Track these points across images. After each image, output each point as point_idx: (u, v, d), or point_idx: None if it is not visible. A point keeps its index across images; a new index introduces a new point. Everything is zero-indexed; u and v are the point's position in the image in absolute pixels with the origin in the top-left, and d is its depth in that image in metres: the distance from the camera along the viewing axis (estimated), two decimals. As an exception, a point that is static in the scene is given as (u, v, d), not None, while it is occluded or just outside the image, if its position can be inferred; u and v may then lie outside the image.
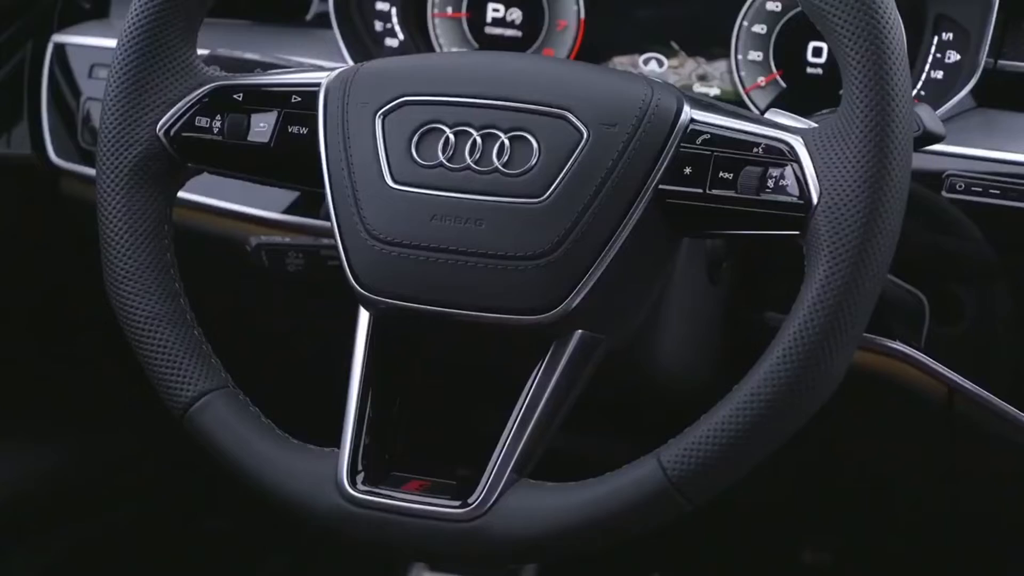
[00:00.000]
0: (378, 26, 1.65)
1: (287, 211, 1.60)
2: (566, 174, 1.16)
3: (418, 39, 1.65)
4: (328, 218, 1.23)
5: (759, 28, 1.54)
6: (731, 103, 1.52)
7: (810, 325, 1.08)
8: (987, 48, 1.41)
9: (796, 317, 1.09)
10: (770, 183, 1.13)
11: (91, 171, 1.59)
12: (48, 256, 1.87)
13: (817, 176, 1.10)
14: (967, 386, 1.38)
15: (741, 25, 1.54)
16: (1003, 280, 1.39)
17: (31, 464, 1.98)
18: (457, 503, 1.17)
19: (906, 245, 1.15)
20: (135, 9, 1.25)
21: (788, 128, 1.15)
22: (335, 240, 1.22)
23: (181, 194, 1.31)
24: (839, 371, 1.10)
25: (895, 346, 1.40)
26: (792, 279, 1.14)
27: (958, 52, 1.44)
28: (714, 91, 1.57)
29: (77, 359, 1.99)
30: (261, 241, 1.47)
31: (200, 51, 1.29)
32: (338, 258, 1.22)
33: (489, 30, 1.64)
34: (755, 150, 1.14)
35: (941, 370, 1.39)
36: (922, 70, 1.45)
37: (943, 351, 1.39)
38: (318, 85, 1.25)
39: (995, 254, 1.38)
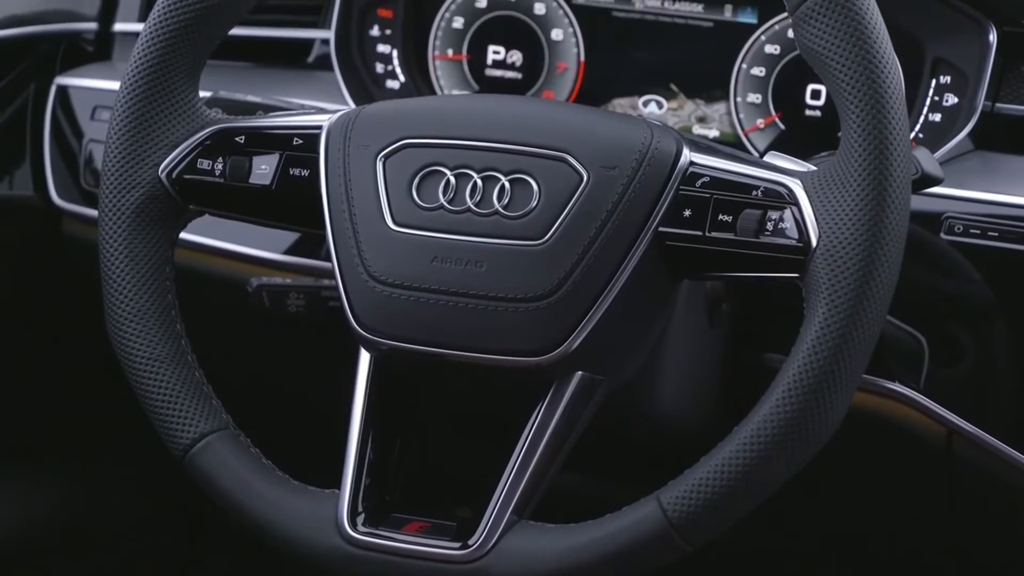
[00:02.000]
0: (379, 68, 1.66)
1: (288, 252, 1.61)
2: (566, 216, 1.17)
3: (419, 81, 1.66)
4: (329, 259, 1.24)
5: (758, 71, 1.55)
6: (730, 145, 1.53)
7: (810, 368, 1.08)
8: (985, 91, 1.42)
9: (795, 360, 1.09)
10: (769, 226, 1.13)
11: (93, 212, 1.59)
12: (49, 296, 1.87)
13: (816, 219, 1.11)
14: (966, 428, 1.38)
15: (740, 68, 1.55)
16: (1002, 322, 1.39)
17: (30, 502, 1.98)
18: (457, 545, 1.17)
19: (905, 286, 1.16)
20: (138, 52, 1.25)
21: (787, 171, 1.15)
22: (336, 281, 1.23)
23: (182, 235, 1.32)
24: (839, 414, 1.10)
25: (894, 387, 1.40)
26: (792, 320, 1.14)
27: (956, 95, 1.45)
28: (713, 133, 1.57)
29: (77, 399, 1.99)
30: (262, 282, 1.47)
31: (202, 93, 1.30)
32: (339, 299, 1.22)
33: (490, 72, 1.65)
34: (754, 193, 1.14)
35: (940, 412, 1.39)
36: (920, 113, 1.46)
37: (942, 392, 1.39)
38: (319, 128, 1.25)
39: (994, 296, 1.38)
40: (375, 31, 1.66)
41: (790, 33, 1.50)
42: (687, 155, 1.17)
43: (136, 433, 1.51)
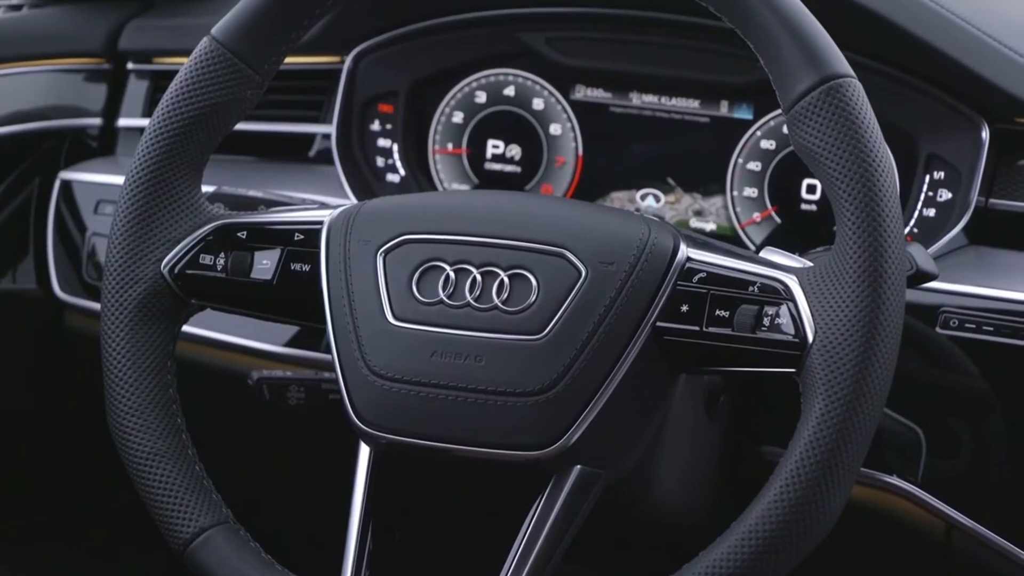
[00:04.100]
0: (379, 162, 1.67)
1: (288, 344, 1.61)
2: (565, 311, 1.17)
3: (419, 174, 1.67)
4: (329, 351, 1.24)
5: (754, 165, 1.56)
6: (727, 239, 1.54)
7: (807, 463, 1.09)
8: (978, 187, 1.43)
9: (793, 454, 1.10)
10: (766, 322, 1.14)
11: (95, 305, 1.60)
12: (50, 389, 1.87)
13: (812, 315, 1.12)
14: (965, 522, 1.38)
15: (736, 162, 1.57)
16: (999, 415, 1.39)
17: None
18: (456, 640, 1.17)
19: (902, 379, 1.16)
20: (142, 149, 1.26)
21: (783, 267, 1.16)
22: (336, 375, 1.23)
23: (183, 327, 1.32)
24: (837, 508, 1.10)
25: (892, 481, 1.40)
26: (789, 413, 1.14)
27: (950, 191, 1.46)
28: (710, 226, 1.59)
29: (78, 492, 1.99)
30: (263, 375, 1.47)
31: (205, 188, 1.31)
32: (339, 392, 1.23)
33: (489, 166, 1.66)
34: (751, 289, 1.15)
35: (938, 505, 1.39)
36: (914, 208, 1.47)
37: (940, 486, 1.39)
38: (320, 223, 1.26)
39: (990, 389, 1.38)
40: (376, 126, 1.68)
41: (785, 129, 1.52)
42: (684, 251, 1.18)
43: (136, 526, 1.50)
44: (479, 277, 1.20)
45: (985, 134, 1.43)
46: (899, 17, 1.43)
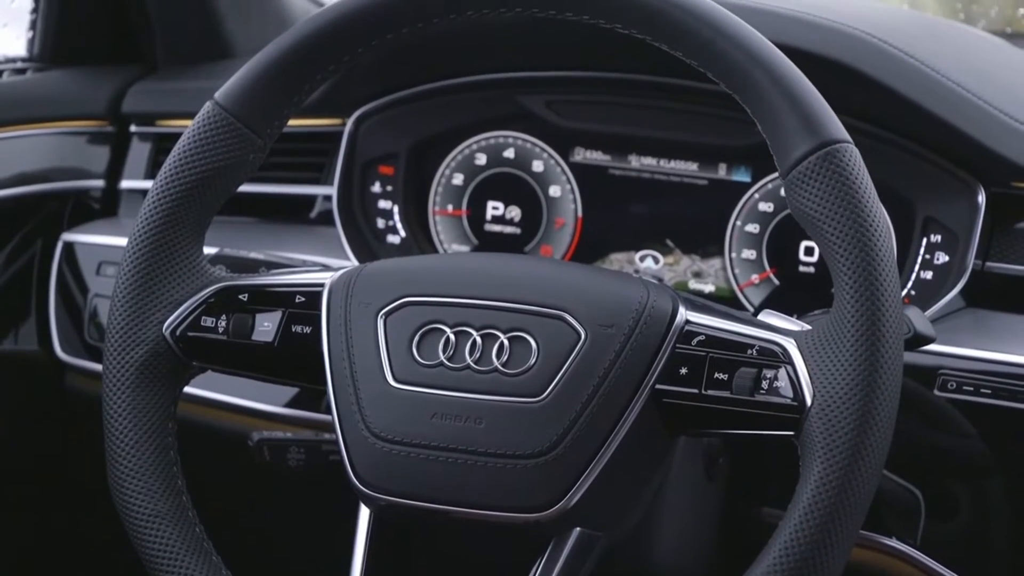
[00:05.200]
0: (380, 223, 1.68)
1: (289, 405, 1.61)
2: (564, 374, 1.17)
3: (419, 235, 1.68)
4: (329, 412, 1.24)
5: (752, 227, 1.57)
6: (726, 300, 1.55)
7: (806, 526, 1.09)
8: (975, 250, 1.44)
9: (792, 518, 1.10)
10: (764, 384, 1.14)
11: (96, 366, 1.60)
12: (52, 450, 1.87)
13: (810, 378, 1.12)
14: (964, 584, 1.39)
15: (734, 224, 1.58)
16: (997, 477, 1.39)
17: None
18: None
19: (901, 441, 1.16)
20: (145, 211, 1.27)
21: (781, 330, 1.16)
22: (336, 436, 1.23)
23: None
24: (836, 571, 1.10)
25: (891, 543, 1.40)
26: (788, 476, 1.14)
27: (947, 254, 1.47)
28: (709, 288, 1.59)
29: (78, 553, 1.98)
30: (263, 436, 1.47)
31: (206, 249, 1.31)
32: (339, 453, 1.23)
33: (489, 227, 1.67)
34: (749, 352, 1.15)
35: (937, 568, 1.39)
36: (912, 271, 1.48)
37: (939, 548, 1.39)
38: (322, 285, 1.27)
39: (989, 451, 1.38)
40: (376, 187, 1.69)
41: (783, 192, 1.53)
42: (683, 314, 1.18)
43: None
44: (479, 340, 1.20)
45: (981, 198, 1.44)
46: (895, 83, 1.44)
